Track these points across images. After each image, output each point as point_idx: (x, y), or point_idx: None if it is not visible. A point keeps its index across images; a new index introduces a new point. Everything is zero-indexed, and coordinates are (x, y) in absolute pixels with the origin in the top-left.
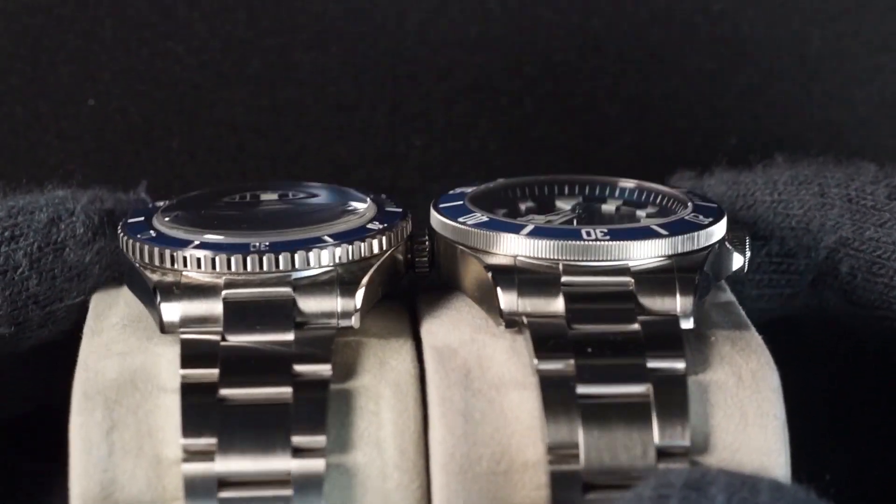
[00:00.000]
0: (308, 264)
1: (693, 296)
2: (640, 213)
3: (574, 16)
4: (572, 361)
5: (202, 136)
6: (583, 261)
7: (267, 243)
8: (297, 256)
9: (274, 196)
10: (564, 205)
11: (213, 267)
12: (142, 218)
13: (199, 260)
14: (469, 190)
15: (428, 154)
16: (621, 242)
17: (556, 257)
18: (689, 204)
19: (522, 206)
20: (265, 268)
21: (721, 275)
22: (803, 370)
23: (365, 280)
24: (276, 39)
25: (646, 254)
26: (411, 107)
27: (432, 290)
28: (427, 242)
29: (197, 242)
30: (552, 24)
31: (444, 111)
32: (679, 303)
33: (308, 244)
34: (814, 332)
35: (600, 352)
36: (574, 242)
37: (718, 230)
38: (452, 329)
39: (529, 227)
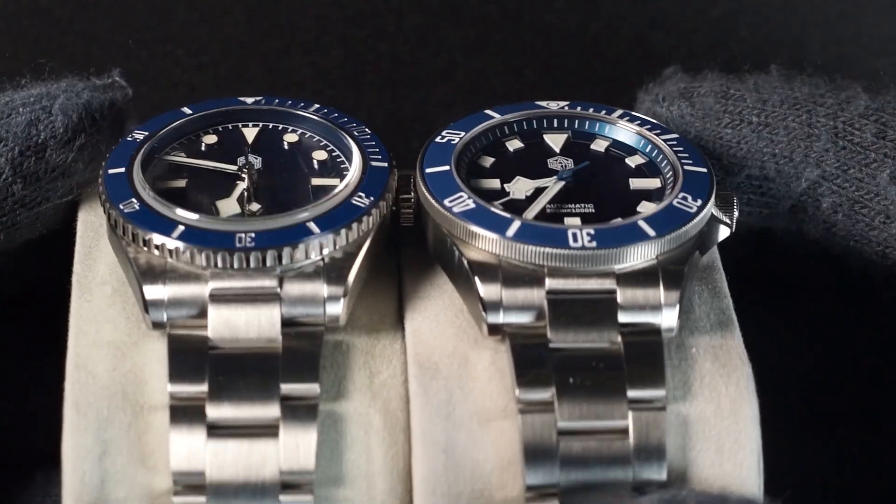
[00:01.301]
0: (294, 260)
1: (679, 290)
2: (630, 161)
3: (573, 20)
4: (554, 392)
5: None
6: (568, 267)
7: (252, 235)
8: (283, 253)
9: (255, 131)
10: (553, 143)
11: (199, 261)
12: (121, 169)
13: (184, 254)
14: (456, 139)
15: None
16: (608, 251)
17: (541, 262)
18: (679, 169)
19: (511, 149)
20: (252, 265)
21: (708, 247)
22: (784, 291)
23: (352, 273)
24: (274, 42)
25: (633, 259)
26: (410, 110)
27: (415, 256)
28: (412, 198)
29: (181, 229)
30: (552, 28)
31: (443, 114)
32: (664, 299)
33: (294, 236)
34: (793, 251)
35: (582, 383)
36: (560, 251)
37: (708, 212)
38: (436, 328)
39: (516, 226)
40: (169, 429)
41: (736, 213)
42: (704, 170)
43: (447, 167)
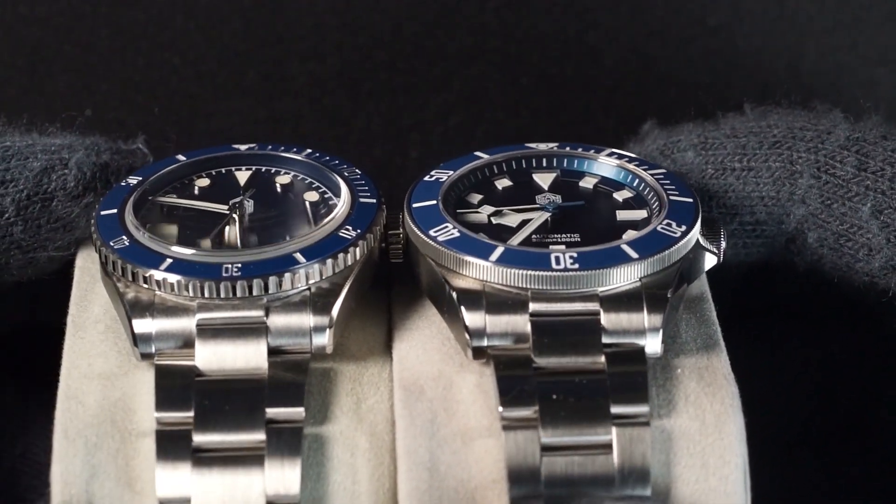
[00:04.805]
0: (281, 288)
1: (663, 313)
2: (617, 196)
3: (571, 29)
4: (537, 408)
5: (198, 146)
6: (551, 290)
7: (238, 265)
8: (269, 282)
9: (246, 175)
10: (542, 181)
11: (186, 291)
12: (113, 210)
13: (172, 285)
14: (444, 177)
15: (424, 166)
16: (590, 272)
17: (525, 286)
18: (665, 199)
19: (500, 187)
20: (238, 294)
21: (695, 276)
22: (779, 319)
23: (338, 303)
24: (272, 50)
25: (615, 281)
26: (407, 118)
27: (406, 292)
28: (401, 234)
29: (169, 261)
30: (549, 36)
31: (440, 123)
32: (647, 323)
33: (280, 266)
34: (789, 281)
35: (565, 399)
36: (543, 273)
37: (692, 238)
38: (423, 355)
39: (499, 251)
40: (155, 455)
41: (723, 244)
42: (690, 199)
43: (434, 202)
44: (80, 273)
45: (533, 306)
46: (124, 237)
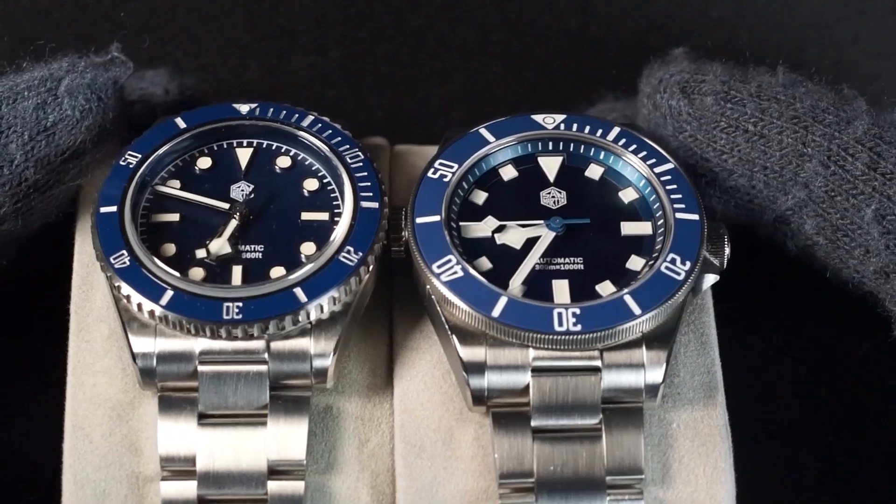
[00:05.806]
0: (280, 329)
1: (666, 350)
2: (622, 196)
3: (573, 22)
4: (534, 480)
5: None
6: (552, 349)
7: (239, 305)
8: (270, 325)
9: (248, 153)
10: (547, 168)
11: (187, 330)
12: (113, 208)
13: (174, 324)
14: (448, 175)
15: None
16: (592, 334)
17: (526, 343)
18: (671, 219)
19: (505, 178)
20: (239, 336)
21: (698, 291)
22: (766, 294)
23: (340, 332)
24: (274, 44)
25: (617, 339)
26: (409, 112)
27: (406, 295)
28: (403, 237)
29: (170, 295)
30: (551, 30)
31: (442, 116)
32: (648, 379)
33: (280, 308)
34: (776, 258)
35: (562, 471)
36: (545, 335)
37: (696, 270)
38: (423, 392)
39: (501, 305)
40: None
41: (727, 250)
42: (696, 216)
43: (437, 217)
44: (79, 250)
45: (534, 352)
46: (125, 253)
